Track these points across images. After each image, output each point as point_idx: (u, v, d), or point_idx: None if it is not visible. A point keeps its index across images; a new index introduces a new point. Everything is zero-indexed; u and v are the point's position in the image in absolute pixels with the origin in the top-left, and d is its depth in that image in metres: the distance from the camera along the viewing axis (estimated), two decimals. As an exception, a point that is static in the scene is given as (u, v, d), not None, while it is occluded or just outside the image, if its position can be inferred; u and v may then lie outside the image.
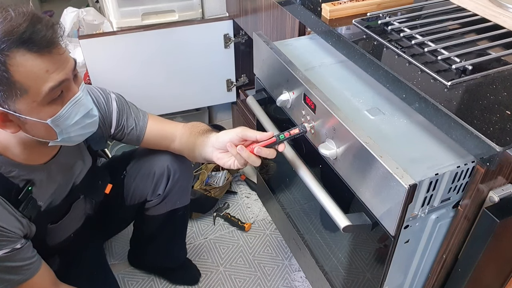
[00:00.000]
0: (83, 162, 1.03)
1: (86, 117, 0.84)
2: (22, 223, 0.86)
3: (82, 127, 0.84)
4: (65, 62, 0.76)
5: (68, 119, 0.80)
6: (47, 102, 0.75)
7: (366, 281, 0.90)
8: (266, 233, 1.61)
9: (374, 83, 0.85)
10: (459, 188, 0.72)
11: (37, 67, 0.72)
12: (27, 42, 0.70)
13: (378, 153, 0.69)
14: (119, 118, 1.04)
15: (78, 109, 0.81)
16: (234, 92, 1.89)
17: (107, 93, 1.04)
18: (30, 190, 0.88)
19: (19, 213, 0.86)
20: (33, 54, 0.71)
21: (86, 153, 1.05)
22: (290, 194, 1.23)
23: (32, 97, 0.73)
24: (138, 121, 1.07)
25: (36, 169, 0.89)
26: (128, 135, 1.07)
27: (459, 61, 0.77)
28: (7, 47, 0.69)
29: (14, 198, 0.85)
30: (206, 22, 1.67)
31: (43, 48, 0.71)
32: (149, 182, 1.15)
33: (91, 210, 1.12)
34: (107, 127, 1.04)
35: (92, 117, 0.85)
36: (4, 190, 0.83)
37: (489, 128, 0.63)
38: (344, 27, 0.93)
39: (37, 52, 0.71)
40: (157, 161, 1.13)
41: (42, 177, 0.91)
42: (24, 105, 0.74)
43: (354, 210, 0.82)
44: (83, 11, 1.76)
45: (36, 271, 0.90)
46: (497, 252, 0.75)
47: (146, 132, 1.07)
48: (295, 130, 0.87)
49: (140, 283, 1.44)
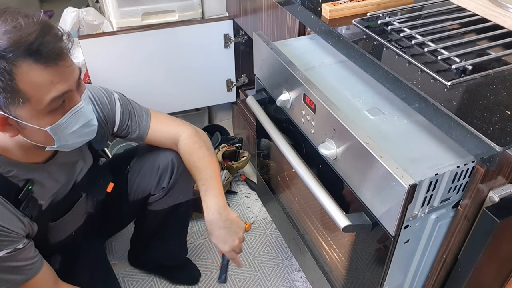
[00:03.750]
0: (84, 161, 1.04)
1: (85, 127, 0.84)
2: (23, 223, 0.87)
3: (79, 136, 0.84)
4: (70, 74, 0.76)
5: (67, 128, 0.80)
6: (48, 111, 0.76)
7: (366, 281, 0.90)
8: (266, 233, 1.61)
9: (374, 83, 0.85)
10: (459, 188, 0.72)
11: (42, 78, 0.72)
12: (34, 53, 0.70)
13: (378, 153, 0.69)
14: (123, 117, 1.05)
15: (78, 119, 0.81)
16: (234, 92, 1.89)
17: (110, 92, 1.05)
18: (30, 189, 0.88)
19: (20, 213, 0.86)
20: (40, 65, 0.71)
21: (87, 152, 1.05)
22: (290, 194, 1.23)
23: (34, 105, 0.74)
24: (142, 120, 1.08)
25: (35, 168, 0.89)
26: (131, 134, 1.08)
27: (459, 61, 0.77)
28: (14, 57, 0.69)
29: (14, 197, 0.85)
30: (206, 22, 1.67)
31: (50, 60, 0.72)
32: (153, 176, 1.15)
33: (92, 208, 1.12)
34: (110, 126, 1.05)
35: (91, 127, 0.86)
36: (4, 190, 0.84)
37: (489, 128, 0.63)
38: (344, 27, 0.93)
39: (44, 64, 0.71)
40: (161, 154, 1.14)
41: (42, 177, 0.91)
42: (25, 112, 0.74)
43: (354, 210, 0.82)
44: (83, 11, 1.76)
45: (38, 271, 0.90)
46: (497, 252, 0.75)
47: (149, 132, 1.09)
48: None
49: (140, 283, 1.44)
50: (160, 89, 1.73)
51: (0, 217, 0.82)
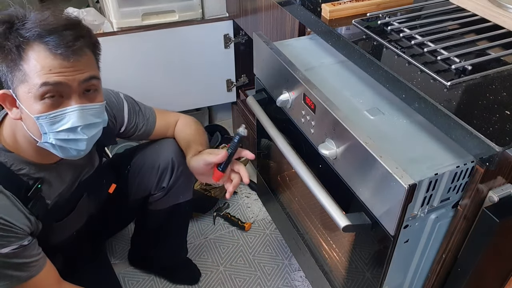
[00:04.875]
0: (92, 162, 1.04)
1: (71, 132, 0.80)
2: (30, 221, 0.87)
3: (64, 140, 0.81)
4: (75, 70, 0.77)
5: (53, 124, 0.79)
6: (40, 98, 0.76)
7: (366, 280, 0.90)
8: (266, 233, 1.61)
9: (374, 83, 0.85)
10: (458, 188, 0.72)
11: (44, 63, 0.74)
12: (49, 40, 0.74)
13: (378, 153, 0.69)
14: (130, 115, 1.09)
15: (67, 120, 0.79)
16: (234, 92, 1.89)
17: (116, 92, 1.08)
18: (40, 188, 0.89)
19: (27, 211, 0.87)
20: (49, 52, 0.74)
21: (95, 154, 1.06)
22: (290, 194, 1.23)
23: (29, 87, 0.75)
24: (148, 115, 1.13)
25: (46, 168, 0.90)
26: (139, 131, 1.12)
27: (459, 61, 0.77)
28: (31, 36, 0.73)
29: (23, 195, 0.86)
30: (206, 22, 1.67)
31: (62, 52, 0.75)
32: (153, 175, 1.15)
33: (94, 208, 1.13)
34: (117, 125, 1.07)
35: (78, 135, 0.81)
36: (15, 187, 0.84)
37: (489, 128, 0.63)
38: (344, 27, 0.93)
39: (53, 53, 0.74)
40: (162, 154, 1.15)
41: (52, 176, 0.92)
42: (22, 92, 0.77)
43: (354, 210, 0.82)
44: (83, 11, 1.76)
45: (41, 268, 0.91)
46: (496, 252, 0.75)
47: (156, 126, 1.14)
48: (234, 139, 0.95)
49: (140, 283, 1.44)
50: (160, 89, 1.73)
51: (9, 213, 0.83)
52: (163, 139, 1.17)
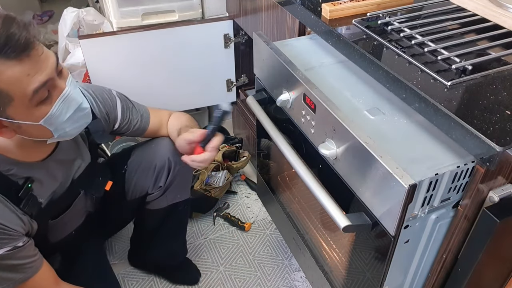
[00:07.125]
0: (82, 158, 1.04)
1: (78, 111, 0.84)
2: (23, 221, 0.87)
3: (75, 121, 0.84)
4: (45, 61, 0.75)
5: (60, 116, 0.80)
6: (36, 104, 0.75)
7: (366, 281, 0.90)
8: (266, 233, 1.61)
9: (374, 83, 0.85)
10: (459, 188, 0.72)
11: (18, 73, 0.71)
12: (3, 48, 0.69)
13: (378, 153, 0.69)
14: (123, 111, 1.08)
15: (69, 104, 0.81)
16: (234, 92, 1.89)
17: (109, 89, 1.08)
18: (30, 187, 0.88)
19: (20, 211, 0.86)
20: (12, 60, 0.70)
21: (85, 150, 1.06)
22: (290, 194, 1.23)
23: (19, 102, 0.73)
24: (142, 112, 1.13)
25: (34, 166, 0.90)
26: (134, 127, 1.12)
27: (459, 61, 0.77)
28: None
29: (14, 195, 0.85)
30: (206, 22, 1.67)
31: (21, 52, 0.71)
32: (150, 175, 1.16)
33: (91, 207, 1.13)
34: (111, 122, 1.07)
35: (84, 110, 0.86)
36: (4, 188, 0.84)
37: (489, 128, 0.63)
38: (344, 27, 0.93)
39: (15, 58, 0.70)
40: (158, 154, 1.15)
41: (41, 174, 0.91)
42: (14, 110, 0.74)
43: (354, 210, 0.82)
44: (83, 11, 1.77)
45: (37, 270, 0.90)
46: (497, 252, 0.75)
47: (150, 122, 1.14)
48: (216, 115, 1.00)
49: (140, 283, 1.44)
50: (160, 89, 1.73)
51: (0, 215, 0.82)
52: (159, 138, 1.17)
